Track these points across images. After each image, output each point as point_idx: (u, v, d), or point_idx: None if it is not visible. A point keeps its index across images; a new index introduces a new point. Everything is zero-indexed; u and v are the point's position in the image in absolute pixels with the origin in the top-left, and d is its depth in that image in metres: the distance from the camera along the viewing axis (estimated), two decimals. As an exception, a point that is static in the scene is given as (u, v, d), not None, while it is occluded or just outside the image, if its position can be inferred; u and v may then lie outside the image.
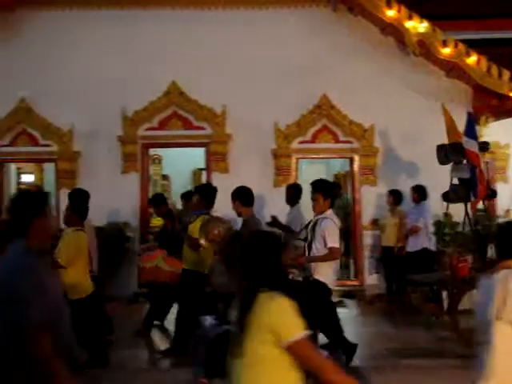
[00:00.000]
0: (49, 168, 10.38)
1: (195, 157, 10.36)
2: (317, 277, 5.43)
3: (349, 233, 9.59)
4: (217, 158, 9.31)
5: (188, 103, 9.30)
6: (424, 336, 6.62)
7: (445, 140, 7.73)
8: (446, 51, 8.74)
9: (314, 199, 5.68)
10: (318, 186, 5.72)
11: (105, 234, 8.15)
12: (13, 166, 10.42)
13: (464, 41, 9.06)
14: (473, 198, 7.32)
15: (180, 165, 11.76)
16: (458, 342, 5.94)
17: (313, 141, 9.40)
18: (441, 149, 7.60)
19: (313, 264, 5.49)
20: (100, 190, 7.89)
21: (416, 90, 9.13)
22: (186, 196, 8.27)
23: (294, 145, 9.35)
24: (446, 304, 6.87)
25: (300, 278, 5.58)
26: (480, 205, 7.91)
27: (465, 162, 7.33)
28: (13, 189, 10.05)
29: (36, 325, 2.21)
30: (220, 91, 9.08)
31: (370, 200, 9.36)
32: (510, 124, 9.71)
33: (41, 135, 9.31)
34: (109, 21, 9.34)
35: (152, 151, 10.41)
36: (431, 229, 8.23)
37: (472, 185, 7.13)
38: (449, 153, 7.43)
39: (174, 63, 9.18)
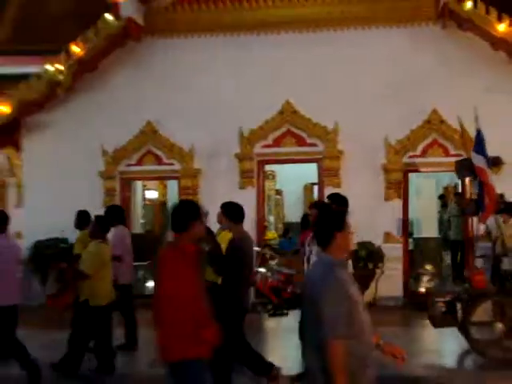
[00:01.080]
0: (171, 185, 11.23)
1: (307, 172, 10.92)
2: None
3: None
4: (329, 174, 9.81)
5: (301, 121, 9.86)
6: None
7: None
8: None
9: None
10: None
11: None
12: (139, 183, 11.34)
13: None
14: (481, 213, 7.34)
15: (293, 180, 12.38)
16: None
17: (423, 155, 9.74)
18: (456, 165, 7.69)
19: None
20: (219, 204, 8.56)
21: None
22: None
23: (405, 159, 9.70)
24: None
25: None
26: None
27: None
28: (139, 203, 10.96)
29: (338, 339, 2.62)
30: (331, 109, 9.59)
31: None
32: None
33: (165, 155, 10.15)
34: (225, 46, 10.14)
35: (267, 167, 11.02)
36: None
37: (479, 200, 7.17)
38: (459, 169, 7.54)
39: (287, 83, 9.81)
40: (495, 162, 7.97)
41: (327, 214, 3.23)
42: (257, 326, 8.07)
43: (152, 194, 12.60)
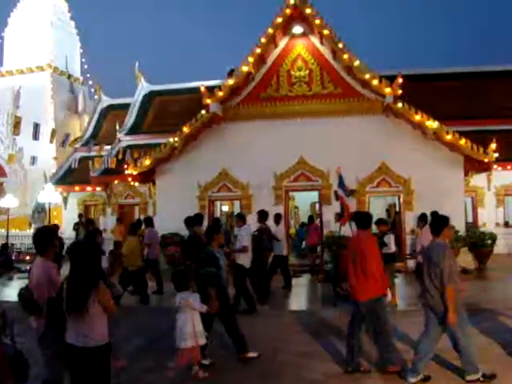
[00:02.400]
0: (236, 203, 19.12)
1: (312, 195, 18.60)
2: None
3: None
4: (325, 197, 17.29)
5: (309, 168, 17.29)
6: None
7: None
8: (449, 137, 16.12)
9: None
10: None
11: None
12: (218, 202, 19.26)
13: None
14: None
15: (304, 200, 20.21)
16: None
17: (378, 186, 17.10)
18: (334, 194, 14.54)
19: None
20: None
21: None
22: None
23: (367, 189, 17.08)
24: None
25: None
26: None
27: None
28: (218, 214, 18.90)
29: (452, 284, 6.50)
30: (325, 161, 16.97)
31: None
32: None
33: (232, 186, 17.92)
34: (266, 126, 17.59)
35: (290, 193, 18.63)
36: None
37: (341, 214, 13.87)
38: (335, 196, 14.34)
39: (301, 147, 17.08)
40: (351, 192, 15.00)
41: (439, 218, 6.44)
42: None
43: (225, 208, 20.69)
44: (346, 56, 16.94)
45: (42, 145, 22.75)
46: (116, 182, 21.85)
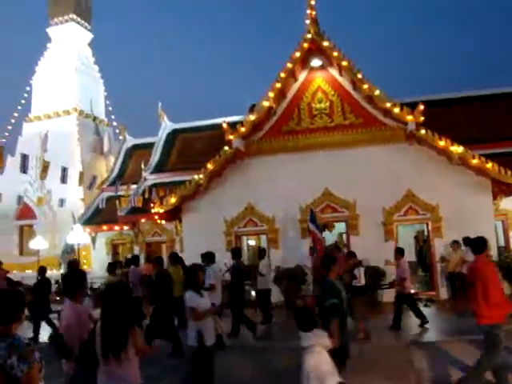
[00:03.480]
0: (263, 237, 19.08)
1: (339, 226, 18.43)
2: None
3: None
4: (352, 227, 17.14)
5: (334, 199, 17.22)
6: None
7: None
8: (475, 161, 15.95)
9: None
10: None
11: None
12: (245, 237, 19.24)
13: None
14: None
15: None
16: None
17: (405, 214, 16.94)
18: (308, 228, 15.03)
19: None
20: (288, 249, 16.18)
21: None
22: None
23: (394, 217, 16.92)
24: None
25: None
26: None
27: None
28: (244, 248, 18.88)
29: None
30: (351, 191, 16.94)
31: None
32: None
33: (258, 221, 17.92)
34: (289, 160, 17.66)
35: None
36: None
37: (314, 248, 14.43)
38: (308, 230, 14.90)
39: (325, 178, 17.08)
40: (324, 227, 15.43)
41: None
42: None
43: (251, 242, 20.63)
44: (365, 86, 16.97)
45: (69, 187, 23.15)
46: (143, 220, 22.05)
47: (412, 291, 12.86)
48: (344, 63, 17.22)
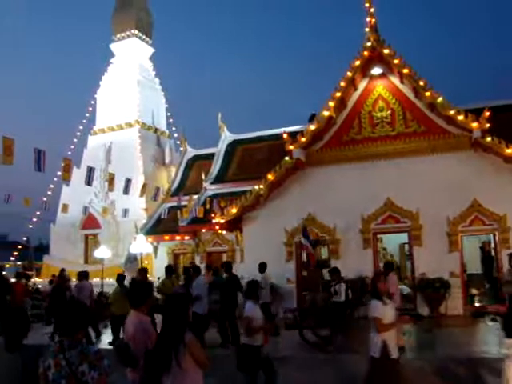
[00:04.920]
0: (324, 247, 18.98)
1: (400, 236, 18.12)
2: None
3: None
4: (415, 238, 16.75)
5: (396, 209, 16.93)
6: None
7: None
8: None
9: None
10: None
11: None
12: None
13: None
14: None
15: (392, 241, 19.70)
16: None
17: (470, 225, 16.40)
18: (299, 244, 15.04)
19: None
20: (349, 260, 15.99)
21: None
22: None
23: (459, 228, 16.45)
24: None
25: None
26: None
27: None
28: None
29: None
30: (414, 201, 16.59)
31: None
32: None
33: (319, 231, 17.78)
34: (350, 169, 17.57)
35: (378, 236, 18.28)
36: None
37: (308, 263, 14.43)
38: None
39: (387, 188, 16.81)
40: (316, 242, 15.48)
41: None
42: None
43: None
44: (428, 93, 16.67)
45: (132, 197, 23.70)
46: (204, 230, 22.30)
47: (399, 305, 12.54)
48: (405, 70, 17.00)
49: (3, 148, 11.38)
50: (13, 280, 18.72)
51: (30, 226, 32.36)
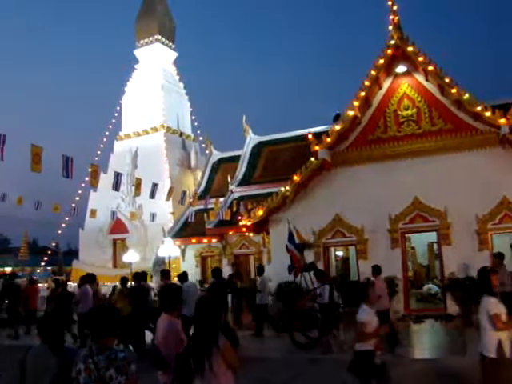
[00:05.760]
0: (351, 248, 18.87)
1: (428, 235, 17.92)
2: None
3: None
4: (444, 237, 16.49)
5: (424, 208, 16.71)
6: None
7: None
8: None
9: None
10: None
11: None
12: (333, 248, 19.10)
13: None
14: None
15: (420, 241, 19.51)
16: None
17: (500, 223, 16.11)
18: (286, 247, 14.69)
19: None
20: (377, 260, 15.87)
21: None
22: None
23: (489, 226, 16.18)
24: None
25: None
26: None
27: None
28: (333, 259, 18.74)
29: None
30: (442, 199, 16.37)
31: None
32: None
33: (347, 232, 17.72)
34: (377, 169, 17.44)
35: (406, 235, 18.11)
36: None
37: (292, 266, 14.24)
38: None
39: (415, 187, 16.63)
40: (303, 246, 15.26)
41: None
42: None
43: (339, 253, 20.46)
44: (454, 90, 16.46)
45: (159, 201, 23.88)
46: (230, 232, 22.38)
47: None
48: (430, 68, 16.82)
49: (32, 156, 11.58)
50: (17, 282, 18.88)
51: (59, 232, 32.91)
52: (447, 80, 16.58)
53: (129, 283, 14.89)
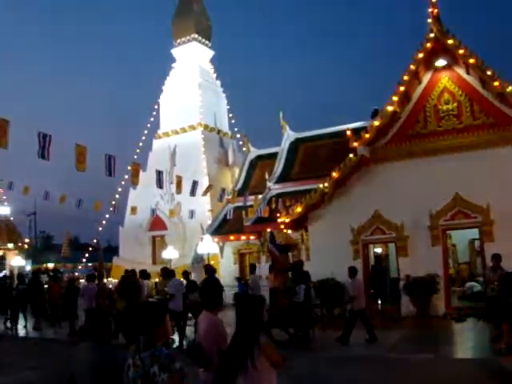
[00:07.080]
0: (390, 245, 18.67)
1: (469, 232, 17.58)
2: None
3: None
4: (486, 234, 16.11)
5: (466, 204, 16.28)
6: None
7: None
8: None
9: None
10: None
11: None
12: (371, 245, 18.94)
13: None
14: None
15: (461, 237, 19.16)
16: None
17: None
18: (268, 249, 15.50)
19: None
20: (419, 257, 15.65)
21: None
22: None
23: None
24: None
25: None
26: None
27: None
28: (371, 256, 18.59)
29: None
30: (483, 196, 15.82)
31: None
32: None
33: (386, 228, 17.51)
34: (416, 165, 17.10)
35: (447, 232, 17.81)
36: None
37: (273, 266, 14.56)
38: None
39: (456, 183, 16.19)
40: (284, 248, 15.97)
41: None
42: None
43: (378, 250, 20.29)
44: (496, 83, 16.08)
45: (197, 198, 24.12)
46: (269, 229, 22.40)
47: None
48: (471, 60, 16.46)
49: (76, 155, 11.84)
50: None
51: (100, 229, 33.55)
52: (489, 73, 16.19)
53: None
